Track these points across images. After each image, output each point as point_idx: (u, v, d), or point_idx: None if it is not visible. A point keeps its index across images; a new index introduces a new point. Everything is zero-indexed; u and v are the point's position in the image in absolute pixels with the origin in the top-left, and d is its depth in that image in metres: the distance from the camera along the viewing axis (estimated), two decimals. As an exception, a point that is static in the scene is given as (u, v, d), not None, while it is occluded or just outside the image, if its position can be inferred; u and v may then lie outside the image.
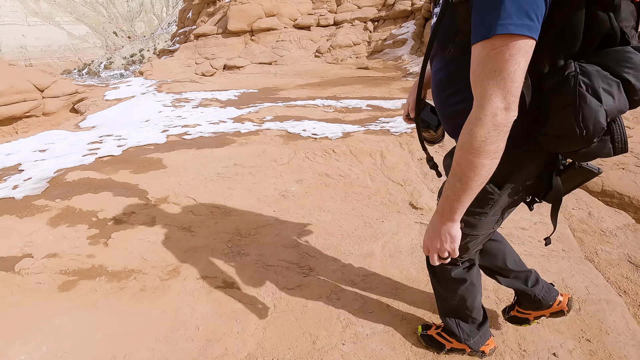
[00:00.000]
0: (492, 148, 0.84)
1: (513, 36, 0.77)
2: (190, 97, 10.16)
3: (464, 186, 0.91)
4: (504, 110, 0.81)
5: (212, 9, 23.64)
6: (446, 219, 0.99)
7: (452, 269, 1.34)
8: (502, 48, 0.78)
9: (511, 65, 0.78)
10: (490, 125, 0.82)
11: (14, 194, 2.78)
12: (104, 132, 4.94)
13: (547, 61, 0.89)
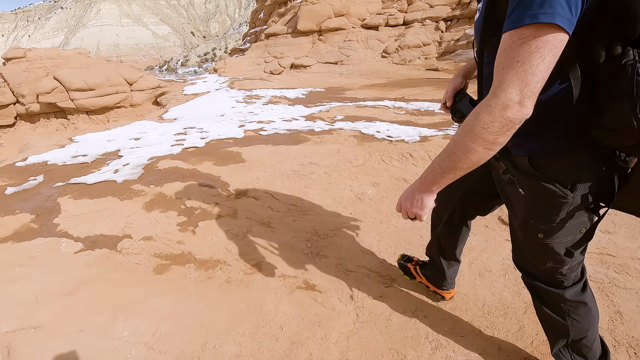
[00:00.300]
0: (490, 138, 0.82)
1: (543, 28, 0.73)
2: (261, 94, 10.54)
3: (450, 164, 0.92)
4: (517, 104, 0.78)
5: (283, 10, 24.37)
6: (424, 188, 1.03)
7: (565, 291, 1.20)
8: (529, 38, 0.75)
9: (535, 58, 0.75)
10: (498, 115, 0.79)
11: (115, 177, 3.05)
12: (186, 124, 5.28)
13: (602, 49, 0.82)
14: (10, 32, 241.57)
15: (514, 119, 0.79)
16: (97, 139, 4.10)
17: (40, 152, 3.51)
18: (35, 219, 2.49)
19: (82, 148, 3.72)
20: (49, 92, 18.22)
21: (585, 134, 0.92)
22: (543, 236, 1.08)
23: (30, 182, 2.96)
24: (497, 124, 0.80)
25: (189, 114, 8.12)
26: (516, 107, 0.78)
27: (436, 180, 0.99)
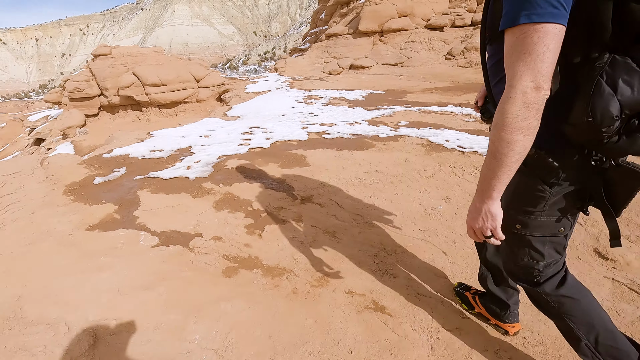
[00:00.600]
0: (524, 124, 0.88)
1: (539, 23, 0.83)
2: (320, 95, 10.57)
3: (499, 163, 0.95)
4: (534, 89, 0.86)
5: (345, 10, 24.33)
6: (485, 197, 1.02)
7: (542, 287, 1.24)
8: (530, 32, 0.84)
9: (540, 47, 0.83)
10: (521, 102, 0.87)
11: (188, 174, 3.17)
12: (251, 123, 5.41)
13: (579, 52, 0.91)
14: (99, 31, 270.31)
15: (537, 101, 0.86)
16: (172, 135, 4.35)
17: (123, 145, 3.80)
18: (118, 210, 2.65)
19: (158, 143, 3.96)
20: (128, 86, 20.04)
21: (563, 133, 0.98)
22: (520, 227, 1.16)
23: (115, 173, 3.19)
24: (523, 110, 0.87)
25: (251, 112, 8.37)
26: (534, 92, 0.85)
27: (493, 185, 1.00)
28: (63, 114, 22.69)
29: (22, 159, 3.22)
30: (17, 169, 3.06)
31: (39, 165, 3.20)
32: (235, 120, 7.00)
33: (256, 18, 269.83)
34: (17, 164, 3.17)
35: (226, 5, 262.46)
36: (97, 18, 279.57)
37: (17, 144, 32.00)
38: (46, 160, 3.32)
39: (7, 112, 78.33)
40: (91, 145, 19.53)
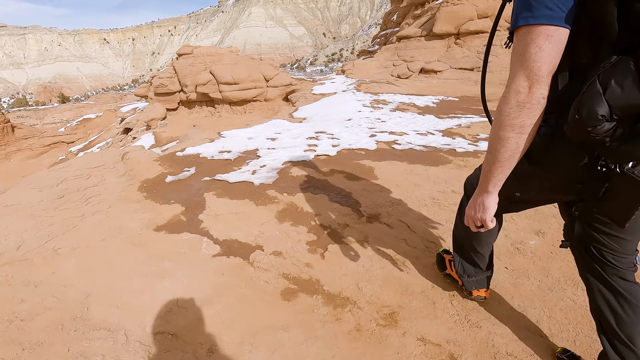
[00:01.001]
0: (516, 122, 0.95)
1: (534, 25, 0.88)
2: (388, 100, 10.19)
3: (493, 158, 1.04)
4: (527, 88, 0.92)
5: (419, 11, 23.41)
6: (482, 190, 1.14)
7: None
8: (524, 34, 0.91)
9: (532, 48, 0.89)
10: (513, 101, 0.94)
11: (253, 179, 3.12)
12: (317, 127, 5.30)
13: (588, 53, 0.92)
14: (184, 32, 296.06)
15: (528, 101, 0.92)
16: (240, 136, 4.40)
17: (195, 145, 3.92)
18: (185, 212, 2.66)
19: (227, 144, 4.02)
20: (205, 83, 21.50)
21: None
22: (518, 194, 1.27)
23: (185, 172, 3.26)
24: (515, 109, 0.94)
25: (317, 114, 8.32)
26: (526, 91, 0.92)
27: (489, 179, 1.08)
28: (148, 107, 25.12)
29: (107, 152, 3.44)
30: (102, 162, 3.28)
31: (120, 160, 3.40)
32: (301, 123, 6.97)
33: (326, 20, 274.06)
34: (102, 157, 3.40)
35: (299, 7, 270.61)
36: (183, 20, 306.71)
37: (110, 132, 36.23)
38: (126, 155, 3.52)
39: (105, 103, 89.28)
40: (169, 137, 21.29)
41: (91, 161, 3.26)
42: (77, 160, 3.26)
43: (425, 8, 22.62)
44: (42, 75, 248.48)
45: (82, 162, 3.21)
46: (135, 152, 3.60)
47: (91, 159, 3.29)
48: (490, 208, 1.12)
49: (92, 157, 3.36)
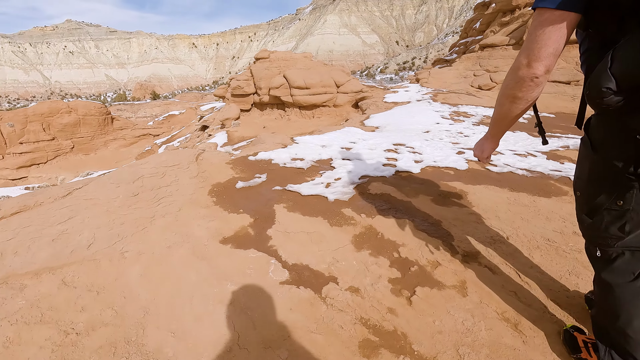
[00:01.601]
0: (511, 93, 1.14)
1: (542, 8, 1.00)
2: (470, 112, 9.31)
3: (494, 115, 1.30)
4: (525, 66, 1.05)
5: (508, 18, 21.54)
6: (484, 136, 1.46)
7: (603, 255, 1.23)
8: (535, 17, 1.03)
9: (536, 30, 1.01)
10: (512, 75, 1.11)
11: (327, 193, 2.81)
12: (394, 138, 4.86)
13: (614, 31, 0.93)
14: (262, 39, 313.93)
15: (524, 77, 1.06)
16: (313, 143, 4.15)
17: (267, 150, 3.75)
18: (253, 224, 2.44)
19: (300, 150, 3.78)
20: (278, 87, 22.16)
21: None
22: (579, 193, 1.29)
23: (256, 179, 3.08)
24: (512, 82, 1.11)
25: (390, 124, 7.84)
26: (524, 68, 1.05)
27: (490, 130, 1.40)
28: (224, 107, 26.70)
29: (183, 152, 3.41)
30: (177, 161, 3.24)
31: (194, 160, 3.34)
32: (375, 132, 6.57)
33: (401, 27, 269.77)
34: (178, 156, 3.37)
35: (374, 15, 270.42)
36: (262, 27, 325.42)
37: (190, 128, 39.39)
38: (200, 156, 3.46)
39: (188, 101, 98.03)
40: (240, 136, 22.31)
41: (168, 160, 3.24)
42: (155, 158, 3.27)
43: (515, 15, 20.75)
44: (140, 75, 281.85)
45: (159, 160, 3.20)
46: (209, 152, 3.53)
47: (168, 158, 3.28)
48: (487, 149, 1.45)
49: (169, 156, 3.34)
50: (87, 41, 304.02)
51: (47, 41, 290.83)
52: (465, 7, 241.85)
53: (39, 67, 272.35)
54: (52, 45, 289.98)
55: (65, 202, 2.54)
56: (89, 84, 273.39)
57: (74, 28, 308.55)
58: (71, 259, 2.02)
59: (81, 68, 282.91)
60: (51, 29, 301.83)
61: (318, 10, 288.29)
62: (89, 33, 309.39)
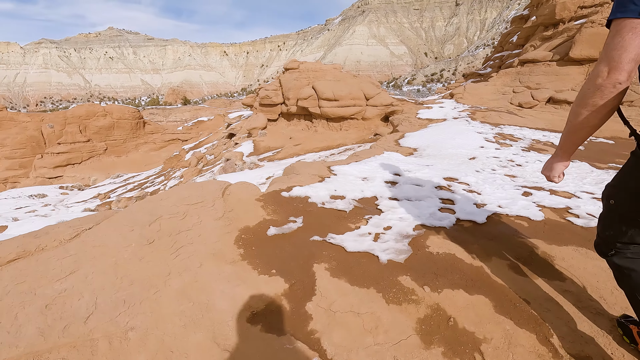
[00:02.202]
0: (590, 102, 1.14)
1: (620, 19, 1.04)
2: (516, 135, 8.56)
3: (567, 127, 1.27)
4: (606, 73, 1.08)
5: (551, 33, 20.43)
6: (554, 154, 1.43)
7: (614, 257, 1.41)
8: (613, 27, 1.07)
9: (615, 38, 1.05)
10: (591, 83, 1.12)
11: (377, 250, 2.29)
12: (444, 170, 4.28)
13: None
14: (291, 48, 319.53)
15: (605, 85, 1.08)
16: (353, 175, 3.65)
17: (302, 183, 3.28)
18: (288, 294, 1.95)
19: (340, 185, 3.29)
20: (306, 98, 21.92)
21: None
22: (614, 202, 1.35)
23: (290, 224, 2.61)
24: (591, 90, 1.13)
25: (429, 146, 7.24)
26: (604, 75, 1.08)
27: (560, 145, 1.36)
28: (252, 116, 26.77)
29: (208, 185, 2.99)
30: (201, 197, 2.83)
31: (220, 195, 2.91)
32: (415, 156, 6.02)
33: (430, 39, 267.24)
34: (202, 190, 2.95)
35: (403, 26, 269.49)
36: (292, 37, 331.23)
37: (217, 135, 39.97)
38: (228, 190, 3.03)
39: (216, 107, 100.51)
40: (266, 146, 22.17)
41: (190, 195, 2.83)
42: (177, 192, 2.87)
43: (559, 29, 19.64)
44: (173, 80, 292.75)
45: (180, 196, 2.80)
46: (237, 186, 3.10)
47: (190, 193, 2.87)
48: (555, 169, 1.43)
49: (192, 190, 2.94)
50: (126, 47, 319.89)
51: (90, 47, 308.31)
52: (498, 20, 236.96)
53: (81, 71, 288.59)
54: (94, 51, 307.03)
55: (70, 248, 2.16)
56: (126, 88, 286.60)
57: (115, 35, 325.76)
58: (63, 338, 1.60)
59: (119, 73, 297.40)
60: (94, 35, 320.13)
61: (347, 21, 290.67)
62: (128, 40, 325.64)
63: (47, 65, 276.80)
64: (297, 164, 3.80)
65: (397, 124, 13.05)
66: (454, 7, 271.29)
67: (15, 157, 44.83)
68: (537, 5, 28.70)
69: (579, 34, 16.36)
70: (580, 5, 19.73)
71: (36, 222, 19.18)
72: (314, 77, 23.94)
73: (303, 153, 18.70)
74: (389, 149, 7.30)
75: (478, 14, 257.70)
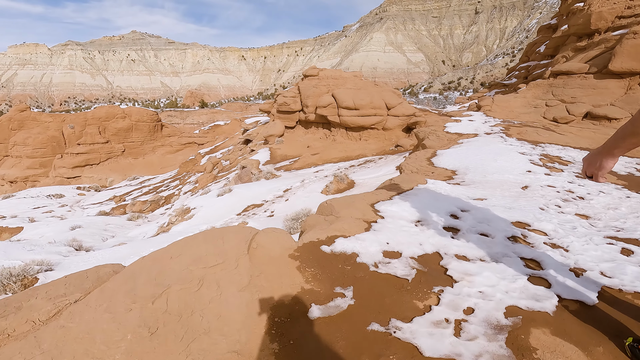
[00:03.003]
0: None
1: None
2: (563, 157, 7.72)
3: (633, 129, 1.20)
4: None
5: (585, 43, 19.36)
6: (606, 151, 1.34)
7: None
8: None
9: None
10: None
11: (466, 356, 1.62)
12: (507, 210, 3.57)
13: None
14: (308, 53, 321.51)
15: None
16: (405, 218, 2.98)
17: (346, 234, 2.62)
18: None
19: (391, 235, 2.63)
20: (325, 106, 21.37)
21: None
22: None
23: (338, 300, 1.96)
24: None
25: (469, 168, 6.51)
26: None
27: (617, 144, 1.28)
28: (269, 123, 26.37)
29: (230, 236, 2.39)
30: (221, 256, 2.21)
31: (246, 251, 2.29)
32: (460, 185, 5.31)
33: (448, 47, 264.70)
34: (224, 244, 2.34)
35: (421, 34, 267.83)
36: (309, 43, 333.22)
37: (233, 140, 39.83)
38: (255, 241, 2.41)
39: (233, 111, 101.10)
40: (283, 155, 21.67)
41: (208, 252, 2.22)
42: (192, 247, 2.27)
43: (595, 39, 18.57)
44: (192, 83, 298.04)
45: (196, 254, 2.19)
46: (266, 236, 2.48)
47: (208, 249, 2.26)
48: (606, 169, 1.38)
49: (210, 244, 2.33)
50: (147, 50, 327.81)
51: (113, 49, 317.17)
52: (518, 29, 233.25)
53: (104, 73, 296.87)
54: (117, 53, 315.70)
55: (44, 339, 1.58)
56: (146, 90, 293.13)
57: (138, 38, 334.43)
58: None
59: (140, 75, 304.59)
60: (118, 38, 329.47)
61: (365, 27, 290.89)
62: (150, 43, 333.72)
63: (72, 66, 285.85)
64: (335, 201, 3.15)
65: (422, 137, 12.27)
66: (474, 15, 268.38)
67: (36, 157, 45.75)
68: (568, 15, 27.53)
69: (619, 45, 15.33)
70: (618, 15, 18.65)
71: (51, 225, 19.11)
72: (333, 85, 23.40)
73: (321, 163, 18.10)
74: (426, 171, 6.60)
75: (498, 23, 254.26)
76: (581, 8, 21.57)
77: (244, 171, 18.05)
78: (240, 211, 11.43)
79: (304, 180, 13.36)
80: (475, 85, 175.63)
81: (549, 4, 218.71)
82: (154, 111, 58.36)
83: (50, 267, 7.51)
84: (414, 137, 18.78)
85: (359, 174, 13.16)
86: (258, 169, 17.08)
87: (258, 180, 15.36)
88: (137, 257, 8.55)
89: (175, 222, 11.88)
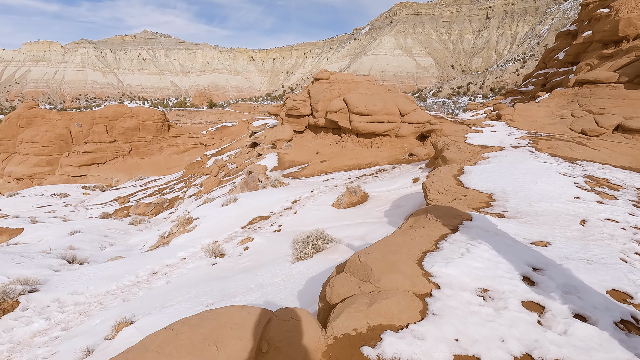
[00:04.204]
0: None
1: None
2: (611, 179, 6.85)
3: None
4: None
5: (611, 51, 18.37)
6: None
7: None
8: None
9: None
10: None
11: None
12: (586, 267, 2.79)
13: None
14: (317, 56, 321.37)
15: None
16: (468, 287, 2.19)
17: (395, 321, 1.79)
18: None
19: (460, 327, 1.83)
20: (336, 111, 20.61)
21: None
22: None
23: None
24: None
25: (508, 193, 5.69)
26: None
27: None
28: (277, 127, 25.66)
29: (230, 339, 1.61)
30: None
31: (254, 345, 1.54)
32: (512, 222, 4.52)
33: (457, 52, 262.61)
34: (218, 356, 1.58)
35: (430, 38, 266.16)
36: (318, 45, 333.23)
37: (240, 142, 39.20)
38: (265, 340, 1.65)
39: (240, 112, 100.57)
40: (291, 161, 20.90)
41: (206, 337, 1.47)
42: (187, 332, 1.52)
43: (622, 47, 17.58)
44: (201, 83, 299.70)
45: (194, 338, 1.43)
46: (283, 331, 1.72)
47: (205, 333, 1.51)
48: None
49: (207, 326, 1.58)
50: (158, 50, 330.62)
51: (125, 48, 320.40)
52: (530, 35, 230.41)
53: (115, 71, 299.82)
54: (128, 52, 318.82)
55: None
56: (155, 89, 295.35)
57: (149, 38, 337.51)
58: None
59: (150, 74, 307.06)
60: (130, 37, 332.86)
61: (374, 31, 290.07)
62: (161, 43, 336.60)
63: (84, 64, 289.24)
64: (372, 259, 2.38)
65: (441, 148, 11.44)
66: (484, 20, 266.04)
67: (43, 154, 45.65)
68: (590, 21, 26.48)
69: (653, 53, 14.36)
70: (648, 22, 17.65)
71: (52, 228, 18.61)
72: (345, 89, 22.63)
73: (331, 171, 17.34)
74: (456, 193, 5.79)
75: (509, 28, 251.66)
76: (607, 14, 20.57)
77: (251, 177, 17.35)
78: (246, 224, 10.70)
79: (314, 191, 12.60)
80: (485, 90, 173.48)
81: (562, 10, 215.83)
82: (162, 111, 58.14)
83: (35, 286, 6.85)
84: (428, 145, 17.92)
85: (372, 185, 12.36)
86: (265, 176, 16.36)
87: (265, 187, 14.64)
88: (131, 276, 7.84)
89: (176, 234, 11.19)
